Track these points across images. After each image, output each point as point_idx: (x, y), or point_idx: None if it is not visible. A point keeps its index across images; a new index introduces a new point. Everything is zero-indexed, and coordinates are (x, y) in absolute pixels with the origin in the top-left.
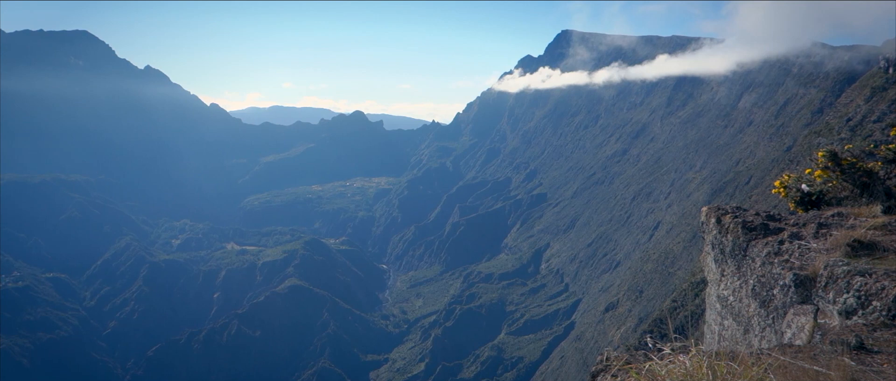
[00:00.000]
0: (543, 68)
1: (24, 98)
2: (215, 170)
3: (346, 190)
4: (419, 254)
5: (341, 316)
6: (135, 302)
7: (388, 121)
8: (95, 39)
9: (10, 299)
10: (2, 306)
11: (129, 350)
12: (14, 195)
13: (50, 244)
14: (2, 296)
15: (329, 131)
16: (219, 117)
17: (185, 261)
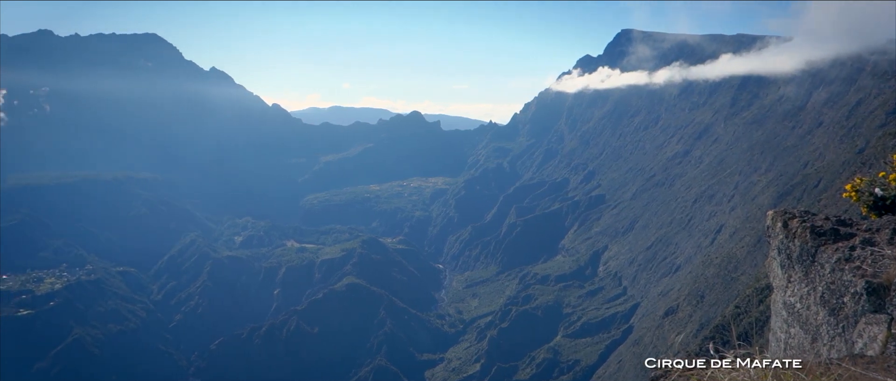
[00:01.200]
0: (602, 68)
1: (98, 99)
2: (276, 169)
3: (404, 190)
4: (475, 254)
5: (398, 315)
6: (199, 297)
7: (446, 121)
8: (164, 42)
9: (83, 290)
10: (76, 297)
11: (192, 343)
12: (88, 192)
13: (120, 239)
14: (76, 288)
15: (387, 131)
16: (280, 117)
17: (247, 258)
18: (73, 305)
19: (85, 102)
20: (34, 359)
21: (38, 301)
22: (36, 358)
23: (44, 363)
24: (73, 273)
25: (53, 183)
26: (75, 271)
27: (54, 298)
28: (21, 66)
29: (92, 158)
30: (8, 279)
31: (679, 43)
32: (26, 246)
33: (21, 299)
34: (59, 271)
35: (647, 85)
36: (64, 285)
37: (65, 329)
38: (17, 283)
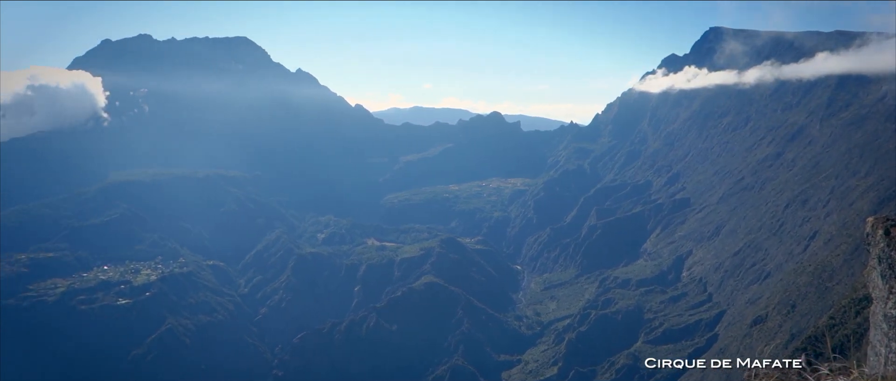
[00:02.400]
0: (689, 67)
1: (192, 99)
2: (358, 168)
3: (483, 190)
4: (554, 256)
5: (475, 315)
6: (283, 291)
7: (526, 122)
8: (253, 45)
9: (176, 282)
10: (170, 288)
11: (277, 336)
12: (182, 189)
13: (211, 234)
14: (170, 280)
15: (466, 132)
16: (362, 118)
17: (329, 255)
18: (167, 296)
19: (180, 103)
20: (132, 345)
21: (136, 291)
22: (133, 345)
23: (140, 350)
24: (167, 266)
25: (150, 180)
26: (169, 264)
27: (150, 289)
28: (123, 68)
29: (186, 157)
30: (109, 270)
31: (772, 41)
32: (125, 239)
33: (120, 289)
34: (155, 264)
35: (737, 84)
36: (159, 276)
37: (159, 319)
38: (117, 274)
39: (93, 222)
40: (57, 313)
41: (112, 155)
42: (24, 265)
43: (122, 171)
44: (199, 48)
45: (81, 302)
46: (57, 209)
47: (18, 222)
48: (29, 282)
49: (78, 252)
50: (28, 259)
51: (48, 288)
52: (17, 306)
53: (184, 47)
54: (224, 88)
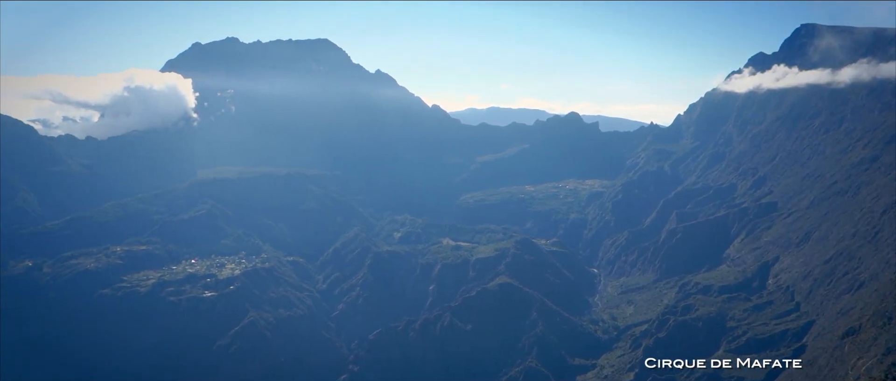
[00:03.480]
0: (778, 66)
1: (276, 100)
2: (435, 168)
3: (559, 191)
4: (632, 260)
5: (550, 317)
6: (360, 288)
7: (604, 122)
8: (334, 46)
9: (258, 277)
10: (252, 282)
11: (353, 332)
12: (265, 186)
13: (292, 231)
14: (252, 274)
15: (543, 132)
16: (439, 118)
17: (405, 253)
18: (249, 289)
19: (264, 103)
20: (216, 336)
21: (220, 285)
22: (218, 335)
23: (224, 341)
24: (250, 260)
25: (235, 177)
26: (252, 259)
27: (234, 282)
28: (211, 70)
29: (269, 155)
30: (196, 264)
31: (870, 37)
32: (211, 234)
33: (206, 282)
34: (239, 258)
35: (830, 84)
36: (242, 271)
37: (242, 311)
38: (203, 267)
39: (182, 217)
40: (148, 302)
41: (200, 153)
42: (119, 257)
43: (210, 169)
44: (282, 50)
45: (170, 293)
46: (150, 205)
47: (115, 216)
48: (124, 273)
49: (168, 246)
50: (123, 251)
51: (141, 279)
52: (113, 295)
53: (268, 49)
54: (306, 88)
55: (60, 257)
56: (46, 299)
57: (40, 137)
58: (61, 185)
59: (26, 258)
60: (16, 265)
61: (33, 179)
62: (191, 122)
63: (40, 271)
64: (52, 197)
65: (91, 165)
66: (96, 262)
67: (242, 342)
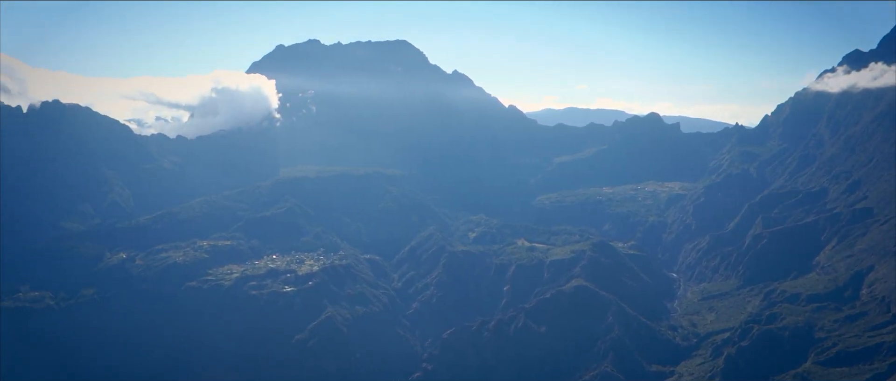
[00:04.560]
0: (875, 64)
1: (355, 100)
2: (510, 168)
3: (637, 194)
4: (714, 266)
5: (626, 322)
6: (434, 287)
7: (686, 123)
8: (412, 48)
9: (336, 274)
10: (330, 279)
11: (427, 331)
12: (343, 185)
13: (368, 229)
14: (330, 271)
15: (622, 133)
16: (516, 118)
17: (479, 253)
18: (327, 286)
19: (344, 104)
20: (295, 330)
21: (300, 280)
22: (296, 330)
23: (302, 335)
24: (328, 257)
25: (315, 176)
26: (330, 256)
27: (313, 278)
28: (294, 71)
29: (348, 155)
30: (277, 259)
31: None
32: (292, 231)
33: (286, 278)
34: (317, 255)
35: None
36: (321, 267)
37: (320, 307)
38: (284, 263)
39: (264, 214)
40: (231, 296)
41: (283, 152)
42: (205, 251)
43: (291, 167)
44: (361, 51)
45: (252, 288)
46: (234, 202)
47: (202, 211)
48: (209, 267)
49: (251, 241)
50: (209, 246)
51: (225, 273)
52: (199, 288)
53: (348, 51)
54: (384, 89)
55: (151, 249)
56: (138, 289)
57: (135, 135)
58: (153, 181)
59: (121, 250)
60: (112, 257)
61: (128, 176)
62: (274, 122)
63: (133, 263)
64: (145, 193)
65: (181, 163)
66: (184, 255)
67: (320, 336)
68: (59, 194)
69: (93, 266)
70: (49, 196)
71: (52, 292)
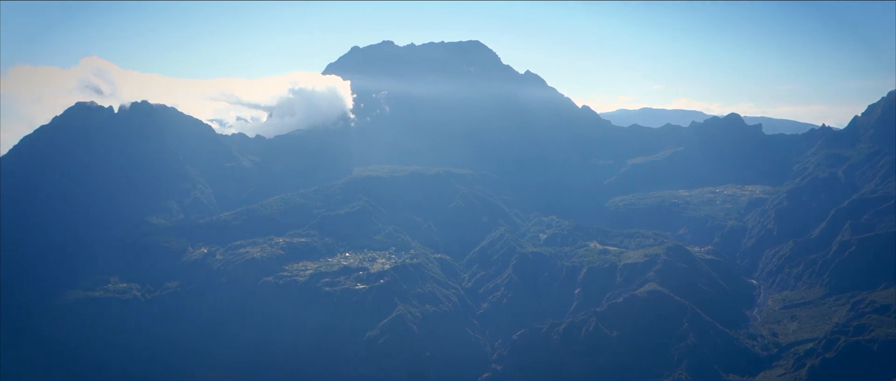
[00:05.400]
0: None
1: (427, 101)
2: (583, 170)
3: (716, 197)
4: (797, 273)
5: (702, 329)
6: (504, 288)
7: (768, 124)
8: (485, 48)
9: (407, 272)
10: (401, 277)
11: (496, 331)
12: (415, 184)
13: (439, 228)
14: (401, 269)
15: (700, 134)
16: (589, 119)
17: (550, 255)
18: (398, 284)
19: (417, 104)
20: (366, 327)
21: (372, 278)
22: (367, 327)
23: (373, 332)
24: (399, 256)
25: (388, 175)
26: (401, 255)
27: (384, 276)
28: (368, 72)
29: (420, 154)
30: (350, 257)
31: None
32: (364, 229)
33: (358, 275)
34: (389, 253)
35: None
36: (392, 265)
37: (390, 305)
38: (356, 260)
39: (338, 212)
40: (305, 291)
41: (356, 152)
42: (281, 248)
43: (364, 166)
44: (435, 52)
45: (326, 284)
46: (309, 200)
47: (279, 209)
48: (285, 263)
49: (325, 239)
50: (285, 243)
51: (300, 269)
52: (275, 283)
53: (421, 52)
54: (457, 89)
55: (231, 245)
56: (218, 283)
57: (217, 135)
58: (233, 179)
59: (203, 245)
60: (194, 251)
61: (210, 174)
62: (348, 122)
63: (214, 258)
64: (226, 190)
65: (259, 162)
66: (261, 251)
67: (390, 334)
68: (146, 191)
69: (176, 260)
70: (137, 193)
71: (139, 284)
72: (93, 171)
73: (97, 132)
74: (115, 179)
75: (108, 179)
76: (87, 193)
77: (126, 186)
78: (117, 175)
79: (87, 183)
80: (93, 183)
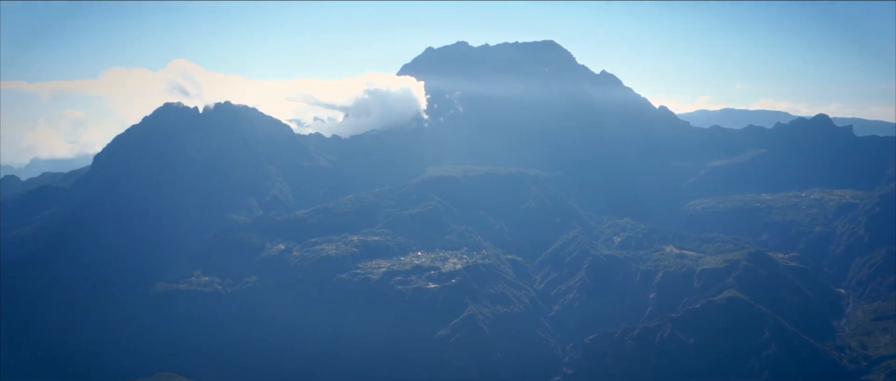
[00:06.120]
0: None
1: (501, 101)
2: (659, 172)
3: (801, 201)
4: (890, 282)
5: (785, 339)
6: (577, 291)
7: (860, 126)
8: (560, 48)
9: (478, 272)
10: (473, 277)
11: (568, 334)
12: (487, 185)
13: (511, 229)
14: (473, 269)
15: (785, 136)
16: (666, 120)
17: (624, 258)
18: (469, 284)
19: (490, 104)
20: (437, 326)
21: (443, 277)
22: (438, 326)
23: (444, 332)
24: (471, 256)
25: (460, 175)
26: (473, 255)
27: (456, 276)
28: (442, 73)
29: (493, 155)
30: (422, 256)
31: None
32: (436, 228)
33: (430, 274)
34: (461, 253)
35: None
36: (464, 265)
37: (462, 304)
38: (428, 260)
39: (411, 211)
40: (378, 289)
41: (430, 152)
42: (355, 246)
43: (437, 167)
44: (508, 53)
45: (398, 282)
46: (383, 199)
47: (353, 208)
48: (358, 261)
49: (398, 238)
50: (358, 241)
51: (373, 268)
52: (349, 280)
53: (495, 52)
54: (530, 89)
55: (307, 242)
56: (294, 279)
57: (295, 135)
58: (310, 178)
59: (280, 242)
60: (272, 248)
61: (288, 173)
62: (422, 122)
63: (290, 254)
64: (303, 189)
65: (335, 161)
66: (336, 249)
67: (461, 334)
68: (228, 189)
69: (255, 256)
70: (220, 190)
71: (220, 278)
72: (179, 169)
73: (183, 132)
74: (199, 177)
75: (193, 176)
76: (173, 190)
77: (209, 183)
78: (201, 173)
79: (174, 180)
80: (179, 180)
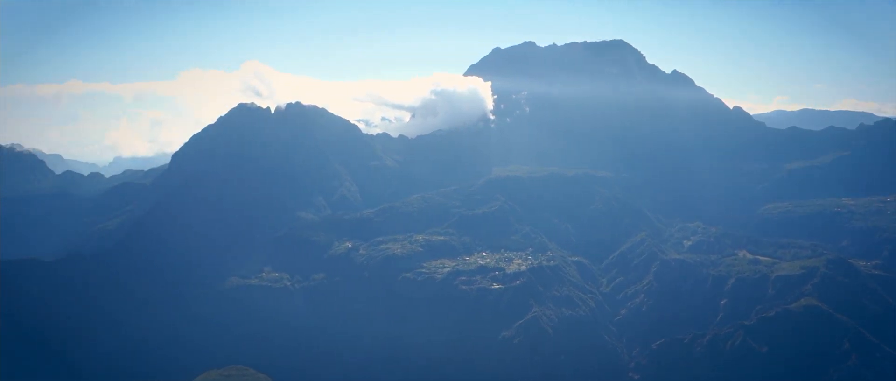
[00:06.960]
0: None
1: (567, 102)
2: (732, 174)
3: (886, 207)
4: None
5: (867, 351)
6: (644, 295)
7: None
8: (629, 47)
9: (543, 274)
10: (537, 279)
11: (634, 339)
12: (553, 186)
13: (577, 231)
14: (538, 271)
15: (868, 138)
16: (740, 120)
17: (694, 263)
18: (534, 285)
19: (556, 105)
20: (501, 327)
21: (507, 278)
22: (502, 326)
23: (509, 332)
24: (536, 258)
25: (526, 176)
26: (538, 256)
27: (520, 277)
28: (508, 73)
29: (559, 156)
30: (486, 256)
31: None
32: (501, 229)
33: (494, 275)
34: (526, 255)
35: None
36: (528, 267)
37: (526, 306)
38: (493, 260)
39: (476, 212)
40: (442, 289)
41: (496, 152)
42: (420, 245)
43: (503, 167)
44: (576, 53)
45: (462, 282)
46: (449, 198)
47: (419, 207)
48: (423, 260)
49: (462, 238)
50: (424, 240)
51: (437, 267)
52: (414, 279)
53: (563, 52)
54: (598, 90)
55: (373, 241)
56: (360, 277)
57: (362, 135)
58: (377, 177)
59: (347, 240)
60: (339, 246)
61: (356, 172)
62: (488, 122)
63: (357, 252)
64: (370, 188)
65: (402, 161)
66: (401, 248)
67: (525, 335)
68: (297, 187)
69: (323, 253)
70: (289, 188)
71: (289, 275)
72: (251, 167)
73: (256, 132)
74: (270, 175)
75: (265, 175)
76: (245, 187)
77: (280, 181)
78: (272, 172)
79: (246, 178)
80: (251, 178)
